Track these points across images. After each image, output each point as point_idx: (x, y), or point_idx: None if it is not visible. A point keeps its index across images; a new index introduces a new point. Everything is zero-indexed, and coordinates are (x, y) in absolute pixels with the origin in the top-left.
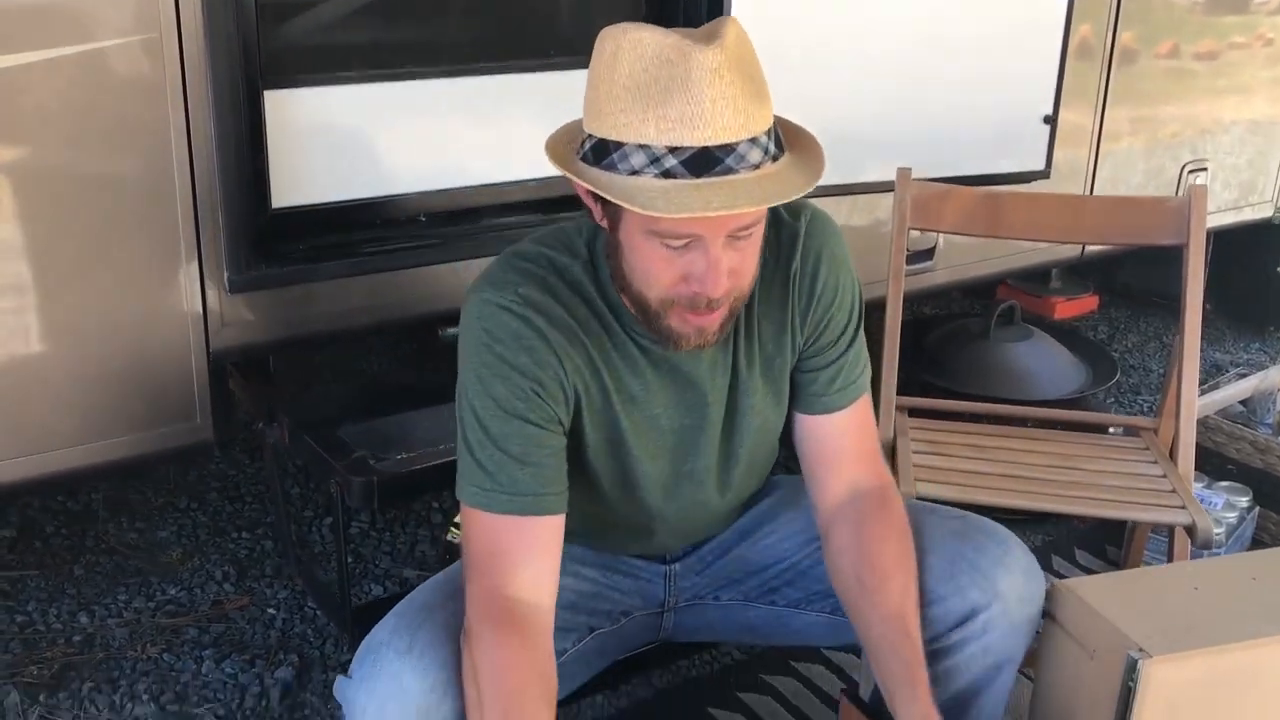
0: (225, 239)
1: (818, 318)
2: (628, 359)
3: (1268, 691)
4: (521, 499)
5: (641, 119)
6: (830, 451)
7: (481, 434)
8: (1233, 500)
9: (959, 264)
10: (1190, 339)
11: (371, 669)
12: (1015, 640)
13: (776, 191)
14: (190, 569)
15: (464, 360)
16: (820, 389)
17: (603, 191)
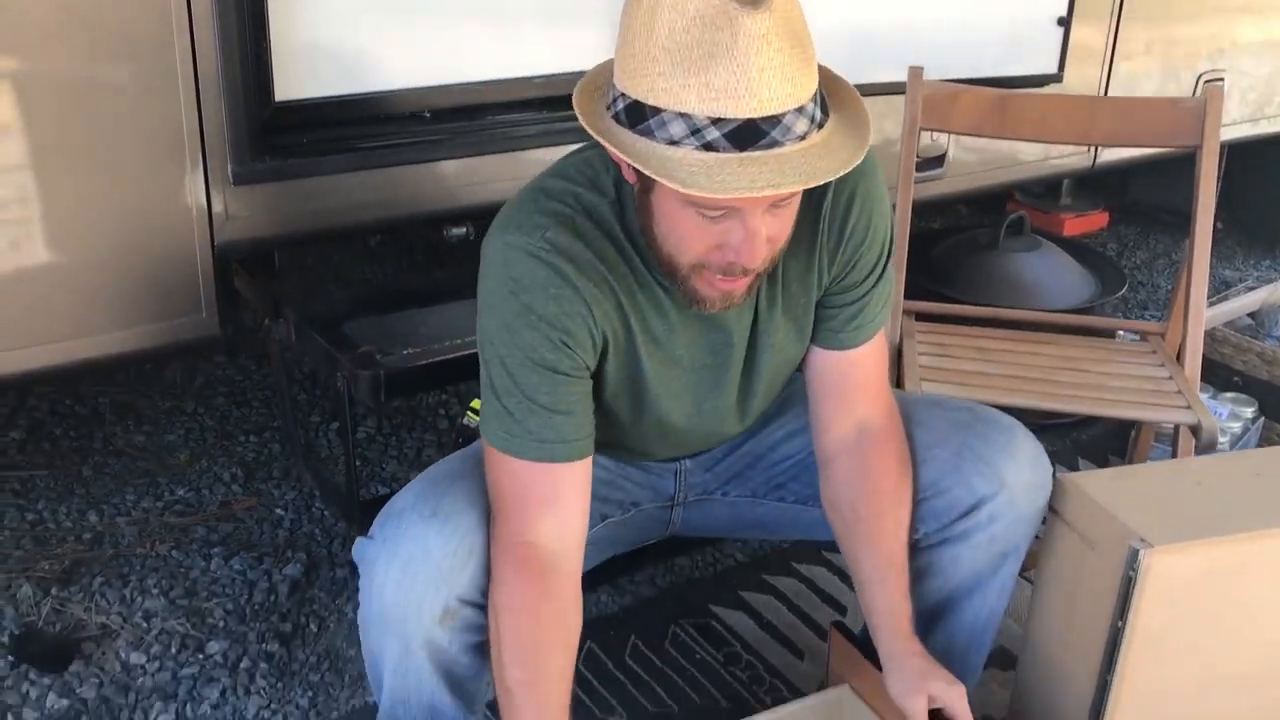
0: (228, 131)
1: (847, 257)
2: (653, 300)
3: (1267, 582)
4: (550, 446)
5: (682, 85)
6: (840, 386)
7: (509, 382)
8: (1238, 411)
9: (969, 173)
10: (1201, 242)
11: (395, 531)
12: (1021, 529)
13: (824, 167)
14: (198, 471)
15: (488, 306)
16: (839, 325)
17: (640, 165)
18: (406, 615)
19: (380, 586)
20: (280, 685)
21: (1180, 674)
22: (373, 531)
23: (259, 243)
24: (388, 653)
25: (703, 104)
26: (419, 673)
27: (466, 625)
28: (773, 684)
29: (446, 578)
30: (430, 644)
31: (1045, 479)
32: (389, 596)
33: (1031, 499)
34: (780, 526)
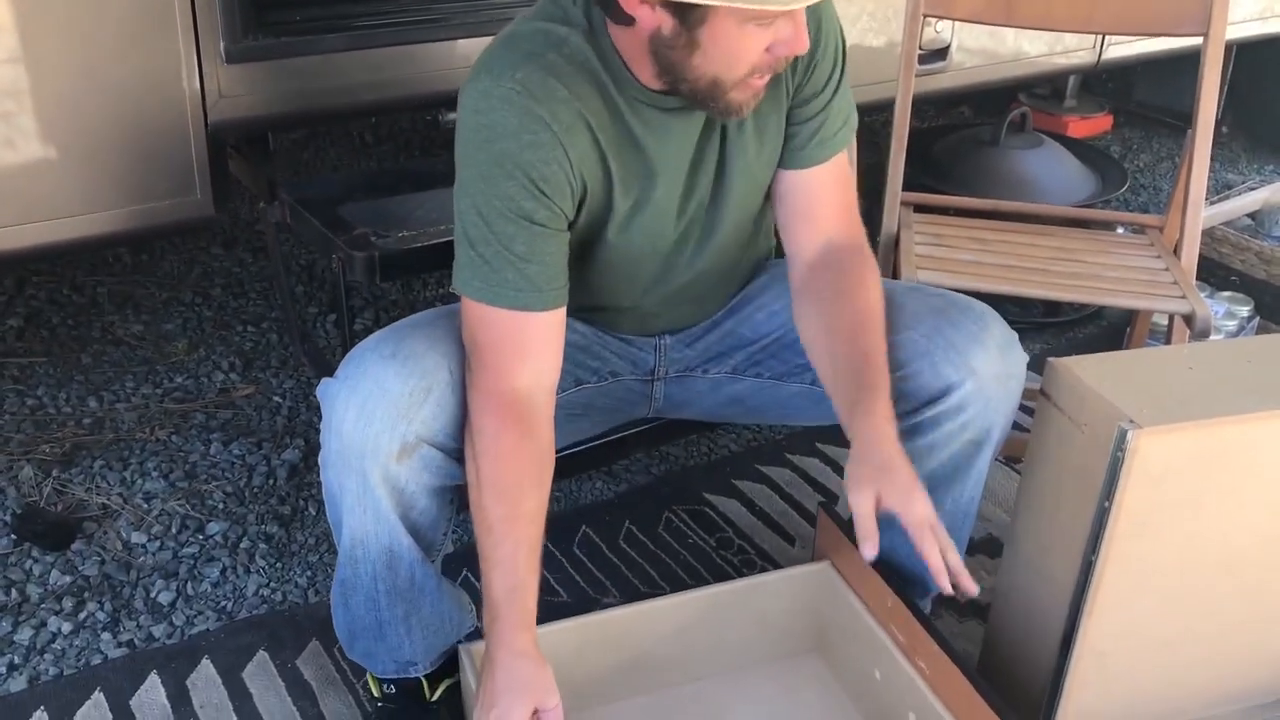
0: (221, 7)
1: (805, 62)
2: (628, 134)
3: (1256, 464)
4: (525, 294)
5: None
6: (808, 205)
7: (485, 231)
8: (1234, 309)
9: (972, 67)
10: (1203, 133)
11: (355, 370)
12: (992, 418)
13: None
14: (196, 359)
15: (464, 156)
16: (802, 142)
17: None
18: (365, 451)
19: (339, 423)
20: (279, 565)
21: (1164, 555)
22: (337, 372)
23: (253, 122)
24: (347, 489)
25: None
26: (377, 510)
27: (424, 464)
28: (763, 567)
29: (404, 413)
30: (388, 480)
31: (1016, 369)
32: (347, 433)
33: (1001, 387)
34: (760, 403)
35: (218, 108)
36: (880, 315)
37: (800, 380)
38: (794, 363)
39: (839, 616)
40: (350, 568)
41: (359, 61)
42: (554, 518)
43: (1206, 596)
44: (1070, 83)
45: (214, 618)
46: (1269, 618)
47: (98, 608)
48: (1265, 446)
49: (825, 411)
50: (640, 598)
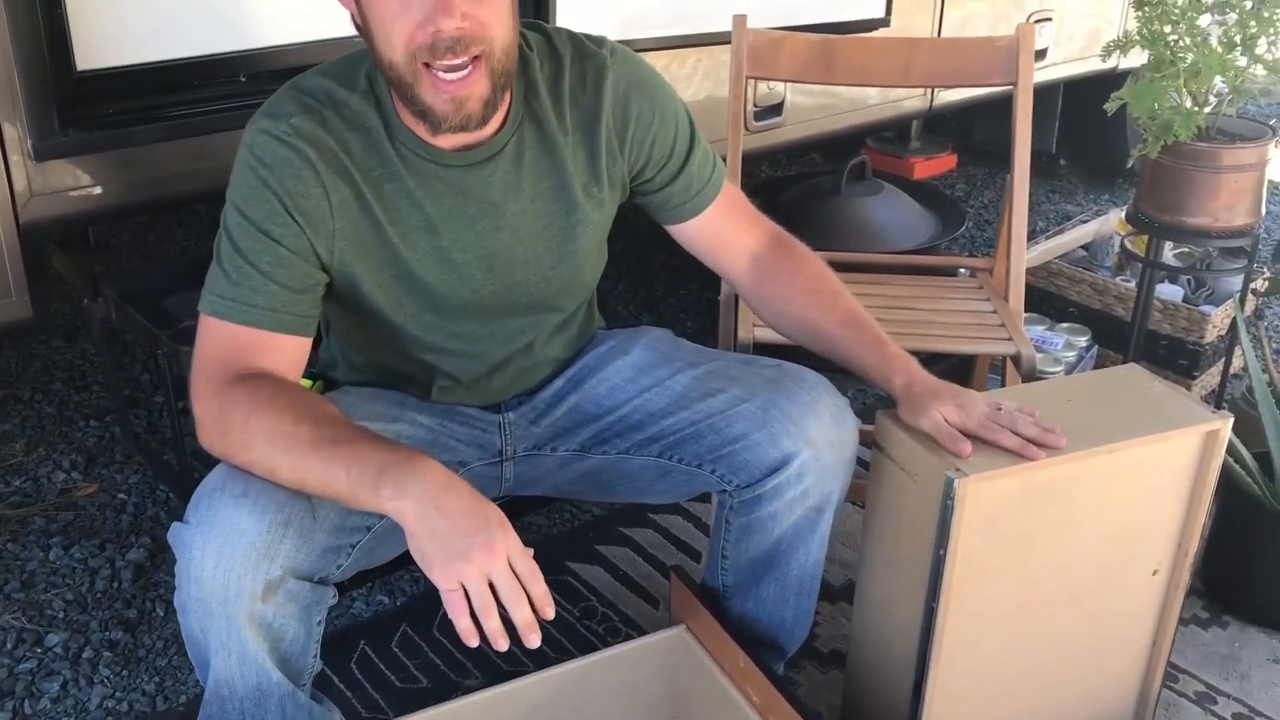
0: (25, 105)
1: (638, 138)
2: (406, 192)
3: (1082, 500)
4: (261, 311)
5: None
6: (719, 239)
7: (232, 249)
8: (1072, 340)
9: (809, 119)
10: (1019, 178)
11: (207, 513)
12: (830, 484)
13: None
14: (36, 459)
15: (232, 185)
16: (680, 198)
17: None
18: (227, 595)
19: (198, 569)
20: (125, 673)
21: (1002, 596)
22: (186, 515)
23: (68, 220)
24: (211, 633)
25: None
26: (243, 652)
27: (290, 597)
28: (628, 634)
29: (265, 552)
30: (255, 620)
31: (850, 435)
32: (206, 579)
33: (837, 454)
34: (608, 479)
35: (29, 207)
36: (833, 280)
37: (647, 453)
38: (637, 439)
39: (697, 681)
40: (217, 706)
41: (177, 151)
42: (412, 600)
43: (1049, 629)
44: (914, 125)
45: None
46: (1111, 641)
47: None
48: (1088, 483)
49: (673, 484)
50: (503, 677)
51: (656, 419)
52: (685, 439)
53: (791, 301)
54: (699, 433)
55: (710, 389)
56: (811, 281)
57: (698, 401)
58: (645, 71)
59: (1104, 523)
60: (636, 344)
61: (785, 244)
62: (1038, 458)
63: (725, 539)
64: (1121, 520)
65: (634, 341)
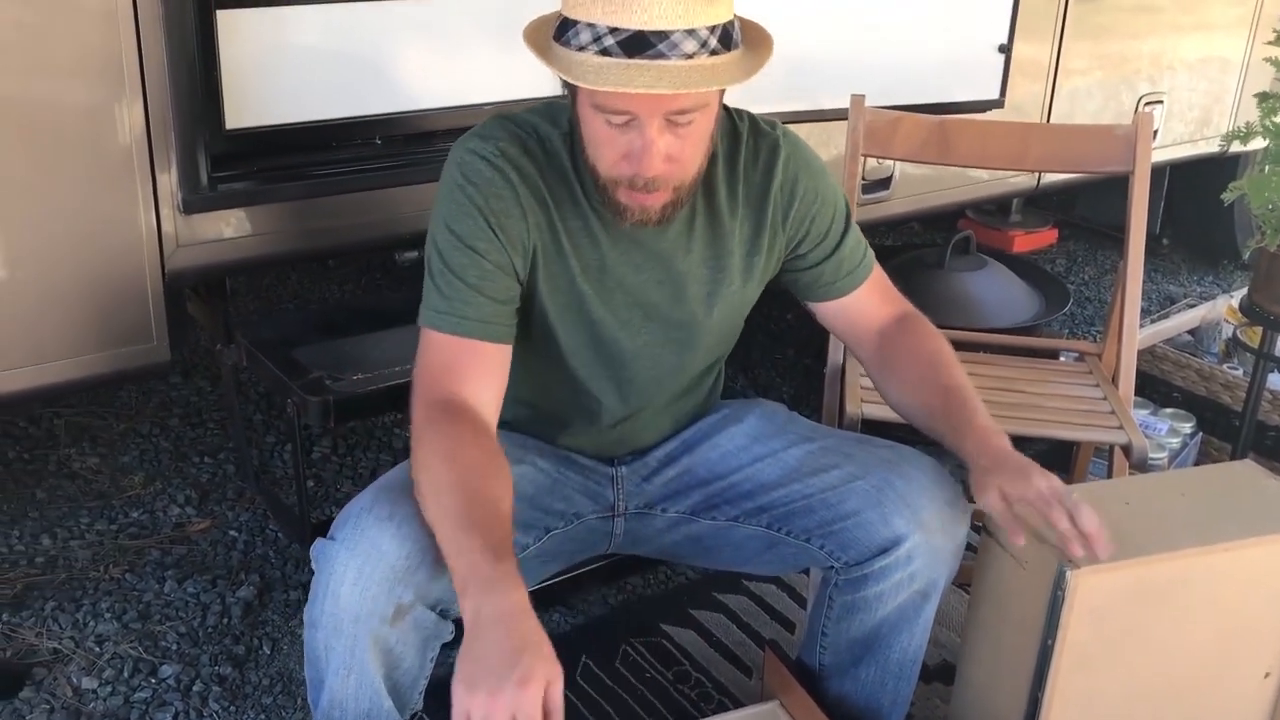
0: (178, 159)
1: (800, 215)
2: (589, 230)
3: (1193, 598)
4: (471, 322)
5: (592, 1)
6: (858, 317)
7: (442, 264)
8: (1176, 426)
9: (916, 194)
10: (1134, 264)
11: (353, 532)
12: (938, 569)
13: (701, 79)
14: (152, 493)
15: (438, 200)
16: (830, 278)
17: (545, 61)
18: (359, 615)
19: (337, 586)
20: (233, 708)
21: (1108, 689)
22: (332, 533)
23: (209, 269)
24: (334, 651)
25: (605, 15)
26: (362, 674)
27: (415, 625)
28: (720, 701)
29: (401, 577)
30: (378, 643)
31: (962, 522)
32: (344, 596)
33: (948, 539)
34: (714, 545)
35: (175, 256)
36: (949, 354)
37: (755, 523)
38: (748, 507)
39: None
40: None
41: (314, 208)
42: None
43: None
44: (1015, 199)
45: None
46: None
47: None
48: (1201, 580)
49: (780, 556)
50: None
51: (767, 489)
52: (795, 512)
53: (907, 377)
54: (810, 506)
55: (824, 464)
56: (927, 356)
57: (811, 475)
58: (811, 155)
59: (1215, 621)
60: (751, 413)
61: (911, 320)
62: (1077, 554)
63: (826, 616)
64: (1233, 620)
65: (749, 411)
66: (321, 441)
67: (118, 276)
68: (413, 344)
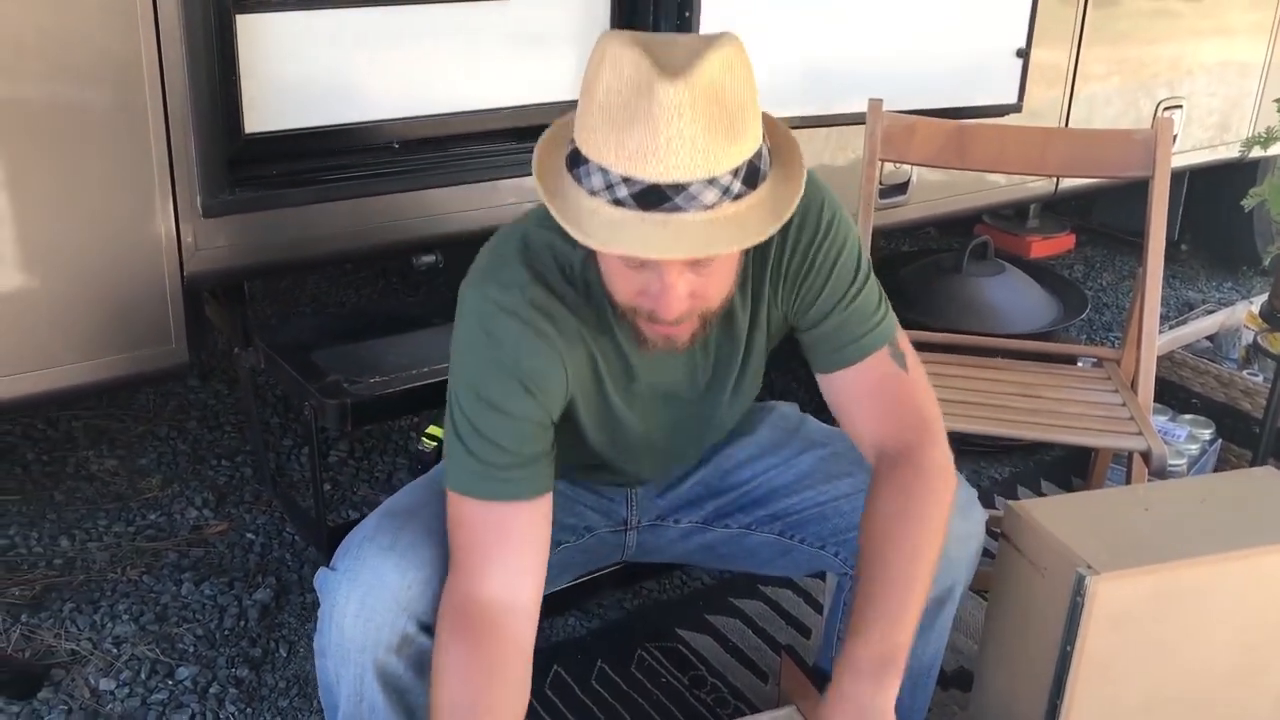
0: (198, 163)
1: (790, 284)
2: (618, 347)
3: (1210, 607)
4: (511, 484)
5: (604, 141)
6: (846, 406)
7: (471, 429)
8: (1195, 433)
9: (932, 199)
10: (1153, 270)
11: (355, 563)
12: (954, 575)
13: (724, 237)
14: (170, 495)
15: (462, 355)
16: (819, 347)
17: (555, 213)
18: (365, 644)
19: (340, 617)
20: (249, 710)
21: (1127, 695)
22: (334, 563)
23: (228, 273)
24: (344, 680)
25: (619, 162)
26: (372, 701)
27: (422, 652)
28: (737, 706)
29: (405, 607)
30: (384, 672)
31: (976, 528)
32: (348, 627)
33: (963, 547)
34: (730, 551)
35: (194, 259)
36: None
37: (767, 530)
38: (760, 514)
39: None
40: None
41: (332, 212)
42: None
43: None
44: (1032, 205)
45: None
46: None
47: None
48: (1221, 587)
49: (794, 561)
50: None
51: (780, 497)
52: (808, 519)
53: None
54: (823, 514)
55: (837, 470)
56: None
57: (823, 483)
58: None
59: (1236, 629)
60: (763, 421)
61: (897, 464)
62: None
63: (842, 623)
64: (1254, 628)
65: (761, 418)
66: (338, 445)
67: (137, 279)
68: (429, 347)
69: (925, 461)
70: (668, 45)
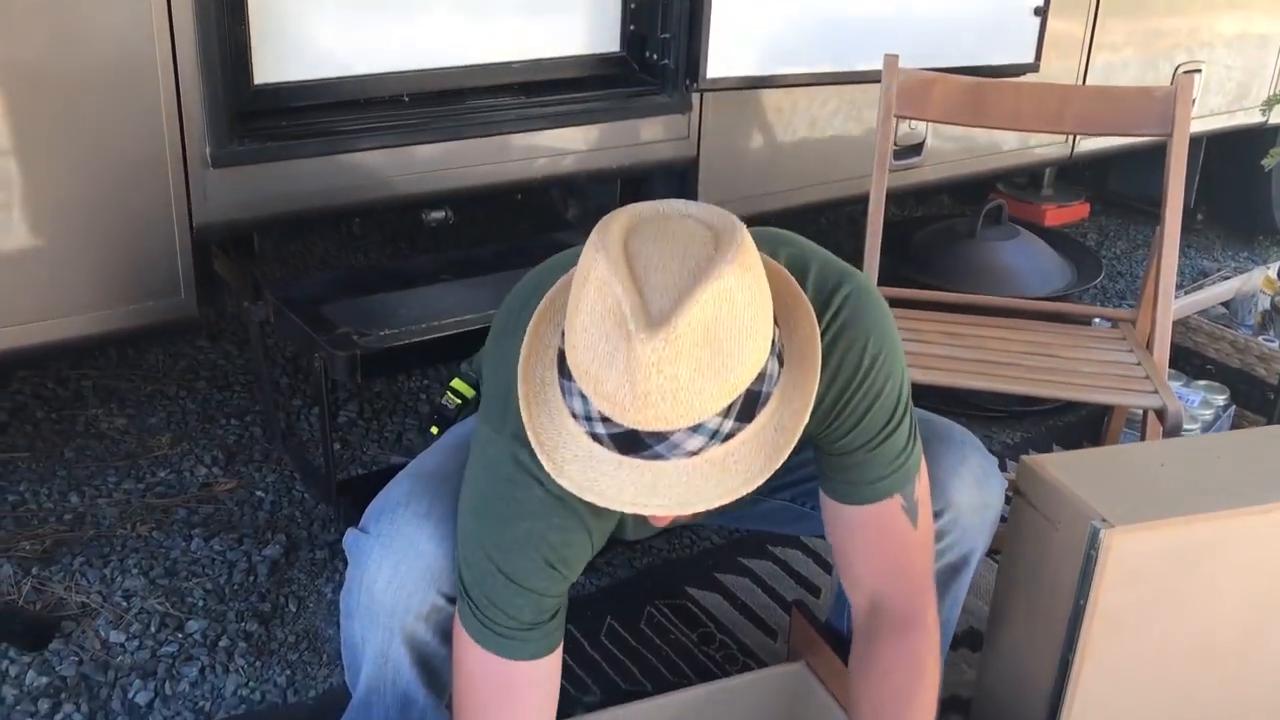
0: (207, 114)
1: (815, 423)
2: None
3: (1228, 560)
4: (513, 644)
5: (585, 371)
6: (846, 541)
7: (488, 600)
8: (1210, 398)
9: (947, 161)
10: (1171, 229)
11: (389, 527)
12: (972, 543)
13: (703, 493)
14: (179, 453)
15: (483, 513)
16: (827, 473)
17: (532, 437)
18: (395, 610)
19: (371, 581)
20: (259, 664)
21: (1139, 650)
22: (366, 524)
23: (237, 225)
24: (370, 642)
25: (598, 400)
26: (398, 664)
27: (449, 618)
28: (745, 663)
29: (437, 577)
30: (412, 638)
31: (994, 498)
32: (379, 591)
33: (979, 516)
34: (740, 514)
35: (203, 210)
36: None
37: (782, 497)
38: (774, 484)
39: (815, 718)
40: (364, 711)
41: (343, 165)
42: None
43: (1185, 689)
44: (1047, 172)
45: (192, 718)
46: (1251, 706)
47: (74, 709)
48: (1236, 542)
49: (807, 525)
50: (621, 696)
51: (794, 466)
52: None
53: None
54: None
55: None
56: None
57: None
58: (852, 353)
59: (1250, 584)
60: None
61: (904, 629)
62: None
63: None
64: (1268, 583)
65: None
66: (348, 405)
67: (146, 231)
68: (440, 301)
69: (930, 624)
70: (663, 265)
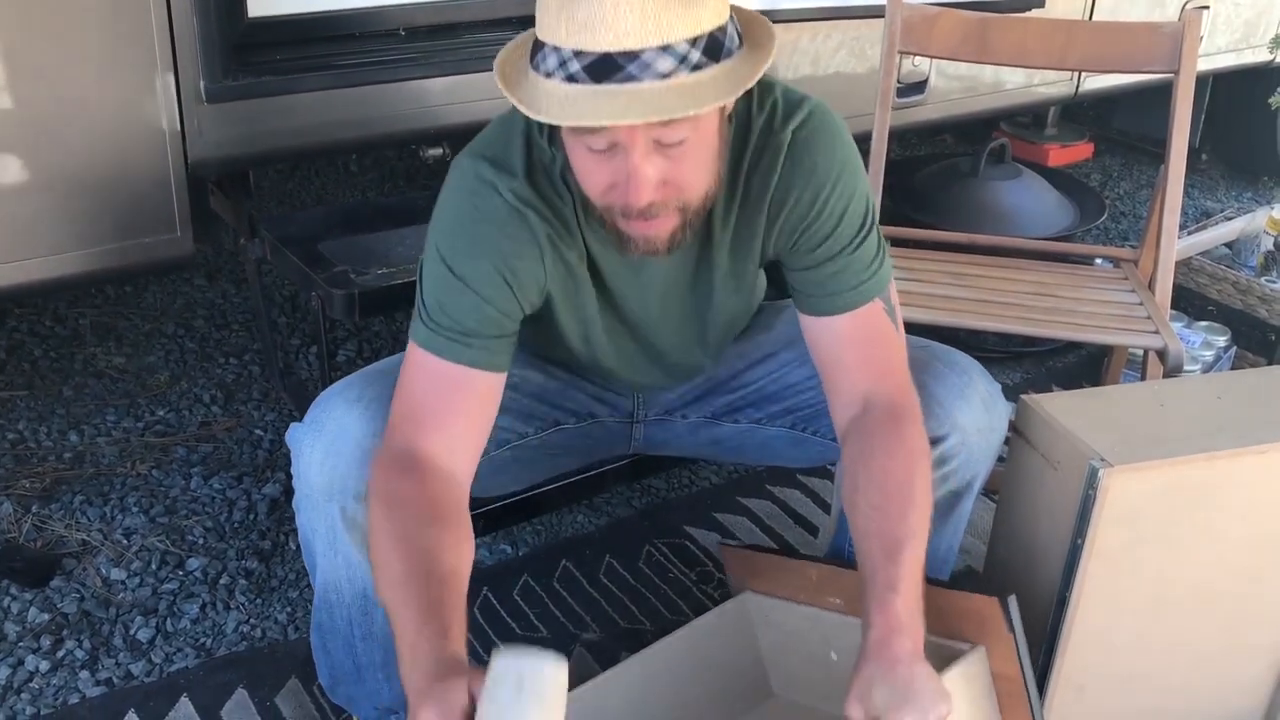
0: (200, 47)
1: (790, 227)
2: (602, 250)
3: (1227, 501)
4: (470, 352)
5: (556, 19)
6: (831, 357)
7: (437, 303)
8: (1211, 339)
9: (951, 99)
10: (1175, 167)
11: (321, 414)
12: (975, 469)
13: (677, 103)
14: (178, 392)
15: (443, 219)
16: (810, 290)
17: (510, 96)
18: (331, 492)
19: (306, 467)
20: (259, 601)
21: (1136, 591)
22: (305, 417)
23: (234, 160)
24: (318, 533)
25: (569, 36)
26: (348, 554)
27: None
28: None
29: (369, 454)
30: (354, 522)
31: (999, 422)
32: (314, 476)
33: (984, 440)
34: (740, 445)
35: (198, 146)
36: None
37: (780, 424)
38: (771, 410)
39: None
40: (326, 612)
41: (339, 100)
42: (534, 551)
43: (1181, 629)
44: (1051, 111)
45: (193, 655)
46: (1244, 647)
47: (76, 645)
48: (1235, 483)
49: (806, 453)
50: (620, 631)
51: (794, 391)
52: (822, 412)
53: (863, 495)
54: None
55: None
56: (895, 484)
57: None
58: (822, 157)
59: (1247, 525)
60: (779, 317)
61: (899, 420)
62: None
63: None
64: (1266, 524)
65: (777, 315)
66: (346, 345)
67: (140, 166)
68: None
69: (919, 418)
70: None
